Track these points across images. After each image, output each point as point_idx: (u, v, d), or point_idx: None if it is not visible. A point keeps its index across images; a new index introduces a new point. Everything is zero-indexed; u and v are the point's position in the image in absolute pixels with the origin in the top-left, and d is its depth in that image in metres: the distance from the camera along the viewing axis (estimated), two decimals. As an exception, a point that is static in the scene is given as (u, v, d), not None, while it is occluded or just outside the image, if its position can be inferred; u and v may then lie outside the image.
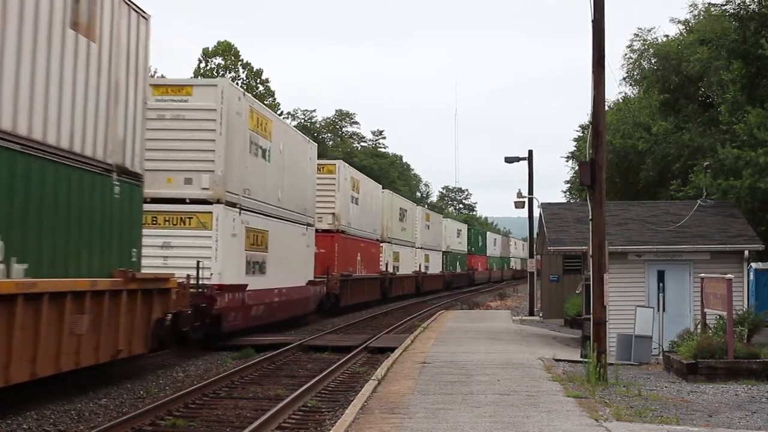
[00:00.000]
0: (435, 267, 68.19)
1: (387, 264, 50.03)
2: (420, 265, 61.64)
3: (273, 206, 27.33)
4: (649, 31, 47.42)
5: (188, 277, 20.24)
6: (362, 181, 45.01)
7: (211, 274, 21.92)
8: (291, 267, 29.67)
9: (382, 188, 55.30)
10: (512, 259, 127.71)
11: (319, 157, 37.84)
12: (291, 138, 30.58)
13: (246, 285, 24.34)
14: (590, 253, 17.69)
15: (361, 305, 43.07)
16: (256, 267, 25.46)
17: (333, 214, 38.26)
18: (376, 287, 46.93)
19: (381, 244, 48.81)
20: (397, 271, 53.45)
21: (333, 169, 38.93)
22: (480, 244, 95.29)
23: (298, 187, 30.74)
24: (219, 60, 77.40)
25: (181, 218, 22.24)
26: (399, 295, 54.03)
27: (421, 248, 62.40)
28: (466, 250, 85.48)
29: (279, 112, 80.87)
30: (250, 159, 24.85)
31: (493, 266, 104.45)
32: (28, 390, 14.21)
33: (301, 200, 31.33)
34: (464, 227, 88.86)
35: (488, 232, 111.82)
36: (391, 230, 52.12)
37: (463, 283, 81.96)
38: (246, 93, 25.94)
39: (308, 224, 32.57)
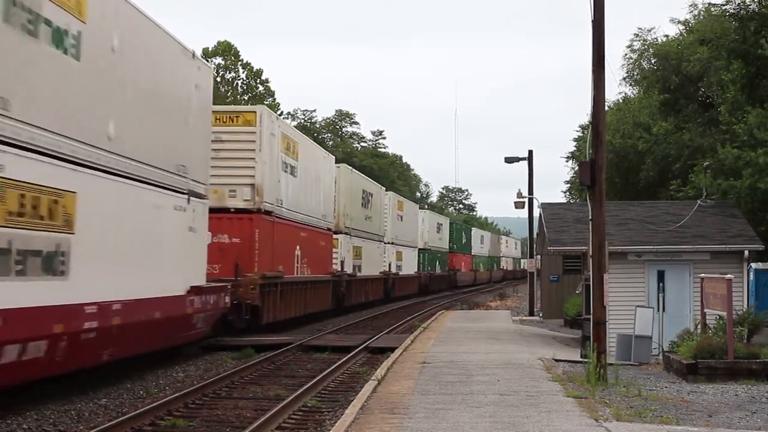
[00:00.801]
0: (409, 267, 58.07)
1: (343, 262, 38.79)
2: (390, 265, 51.17)
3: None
4: (649, 31, 47.42)
5: None
6: (304, 144, 32.20)
7: None
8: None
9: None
10: (503, 258, 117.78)
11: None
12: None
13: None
14: (590, 253, 17.69)
15: (298, 320, 30.84)
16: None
17: (252, 185, 26.18)
18: (325, 293, 34.96)
19: (336, 236, 38.03)
20: (359, 271, 42.17)
21: (252, 120, 26.33)
22: (464, 241, 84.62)
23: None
24: (219, 60, 77.39)
25: None
26: (361, 303, 42.90)
27: (392, 243, 52.26)
28: (448, 247, 75.03)
29: (279, 112, 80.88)
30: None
31: (479, 267, 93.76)
32: (29, 390, 14.21)
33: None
34: (446, 221, 78.18)
35: (474, 228, 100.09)
36: (351, 218, 40.82)
37: (443, 285, 72.32)
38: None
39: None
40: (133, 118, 16.91)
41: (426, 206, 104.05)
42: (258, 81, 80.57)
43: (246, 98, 77.56)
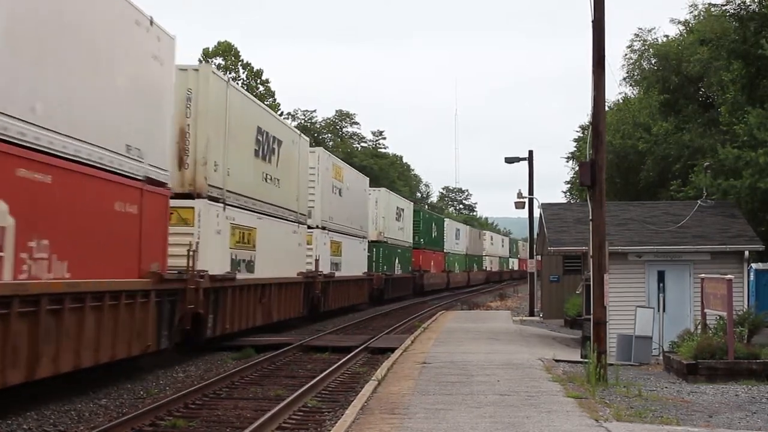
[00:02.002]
0: (353, 265, 40.15)
1: (194, 252, 19.66)
2: (318, 261, 33.18)
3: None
4: (649, 31, 47.48)
5: None
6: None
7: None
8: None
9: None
10: (486, 258, 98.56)
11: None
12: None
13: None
14: (590, 253, 17.69)
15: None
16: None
17: None
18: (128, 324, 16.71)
19: (194, 204, 20.95)
20: (252, 270, 24.85)
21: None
22: (434, 234, 66.85)
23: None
24: (219, 60, 77.37)
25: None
26: (230, 334, 23.72)
27: (324, 229, 34.77)
28: (412, 241, 58.51)
29: (279, 112, 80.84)
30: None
31: (454, 267, 76.64)
32: (29, 390, 14.20)
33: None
34: (408, 206, 58.50)
35: (448, 219, 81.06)
36: (231, 173, 23.06)
37: (405, 291, 55.84)
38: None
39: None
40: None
41: (426, 207, 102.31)
42: (258, 81, 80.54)
43: (246, 98, 77.35)
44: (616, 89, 71.52)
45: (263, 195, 26.26)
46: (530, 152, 42.74)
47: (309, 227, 32.72)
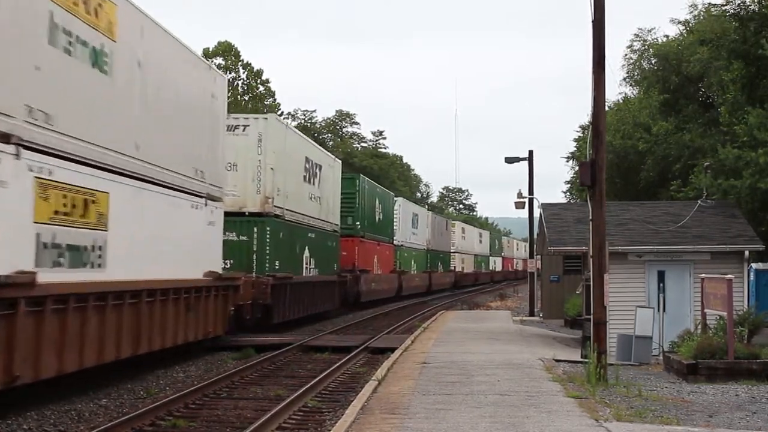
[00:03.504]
0: (190, 260, 20.06)
1: None
2: (102, 253, 15.30)
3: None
4: (650, 31, 47.55)
5: None
6: None
7: None
8: None
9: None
10: (456, 255, 76.18)
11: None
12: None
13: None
14: (590, 253, 17.68)
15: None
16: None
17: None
18: None
19: None
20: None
21: None
22: (379, 218, 46.04)
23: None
24: (219, 60, 77.38)
25: None
26: None
27: (138, 180, 16.93)
28: (339, 225, 38.28)
29: (279, 112, 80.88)
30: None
31: (410, 266, 55.76)
32: (29, 390, 14.20)
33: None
34: (334, 164, 37.91)
35: (400, 199, 55.92)
36: None
37: (327, 302, 35.58)
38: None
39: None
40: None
41: (426, 207, 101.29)
42: (258, 81, 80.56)
43: (246, 98, 77.54)
44: (616, 89, 71.51)
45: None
46: (530, 152, 42.74)
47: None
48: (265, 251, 27.53)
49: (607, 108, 28.38)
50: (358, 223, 41.65)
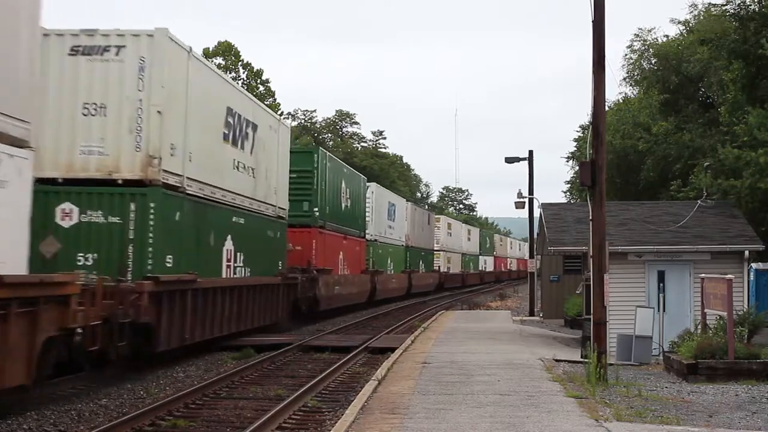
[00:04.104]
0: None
1: None
2: None
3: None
4: (650, 31, 47.43)
5: None
6: None
7: None
8: None
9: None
10: (441, 254, 68.79)
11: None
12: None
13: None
14: (590, 253, 17.69)
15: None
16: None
17: None
18: None
19: None
20: None
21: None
22: (345, 206, 37.81)
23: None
24: (219, 60, 77.38)
25: None
26: None
27: None
28: (287, 210, 29.21)
29: (279, 112, 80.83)
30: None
31: (386, 266, 48.52)
32: (29, 390, 14.20)
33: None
34: (282, 129, 28.38)
35: (373, 184, 47.02)
36: None
37: (269, 315, 26.74)
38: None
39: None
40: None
41: (426, 207, 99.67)
42: (258, 81, 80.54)
43: (246, 98, 77.38)
44: (616, 89, 71.54)
45: None
46: (530, 152, 42.75)
47: None
48: (147, 240, 17.65)
49: (607, 108, 28.41)
50: (316, 209, 32.89)
